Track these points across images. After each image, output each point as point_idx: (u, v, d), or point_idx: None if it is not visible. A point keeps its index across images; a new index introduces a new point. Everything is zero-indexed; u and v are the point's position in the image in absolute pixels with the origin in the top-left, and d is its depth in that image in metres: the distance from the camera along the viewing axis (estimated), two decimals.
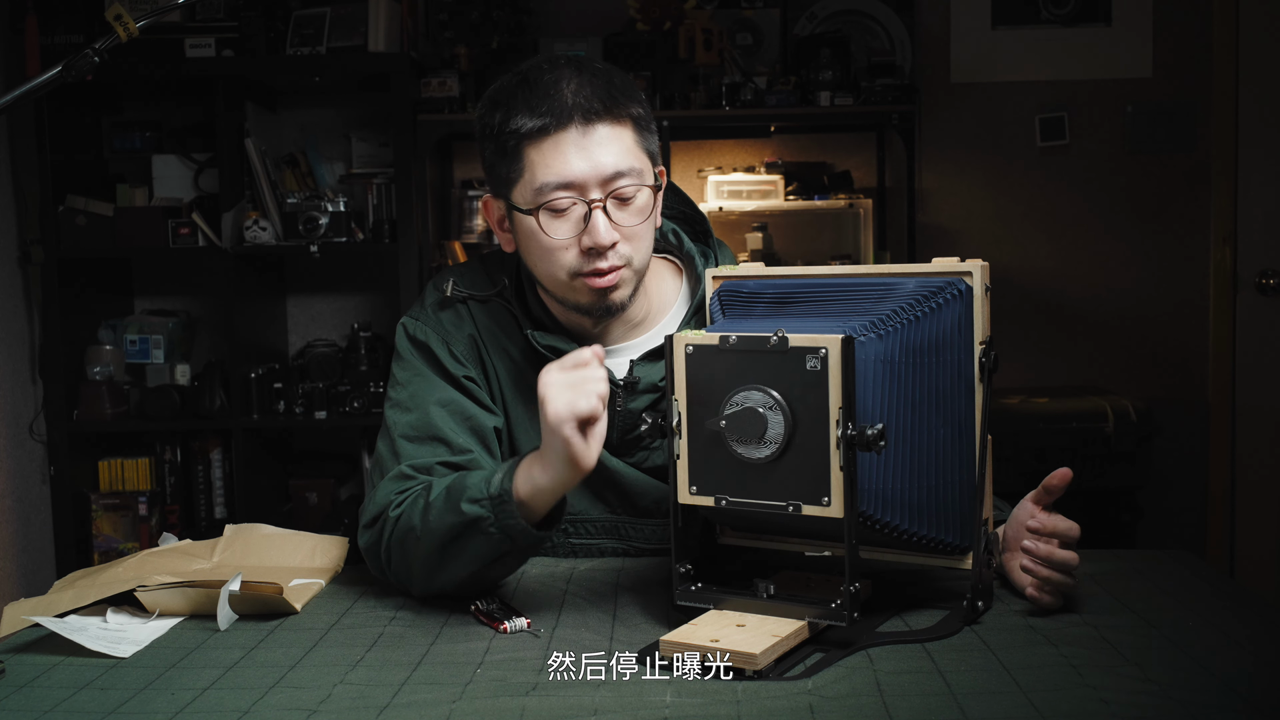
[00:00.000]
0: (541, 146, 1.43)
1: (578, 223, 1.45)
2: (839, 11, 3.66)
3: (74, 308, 3.40)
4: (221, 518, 3.48)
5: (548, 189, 1.43)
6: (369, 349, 3.43)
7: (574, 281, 1.47)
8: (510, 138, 1.44)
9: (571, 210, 1.44)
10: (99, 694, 1.19)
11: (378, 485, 1.50)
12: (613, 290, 1.48)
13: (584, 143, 1.43)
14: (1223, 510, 3.72)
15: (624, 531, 1.61)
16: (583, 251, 1.45)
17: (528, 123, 1.43)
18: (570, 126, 1.42)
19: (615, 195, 1.45)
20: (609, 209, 1.44)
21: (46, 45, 3.28)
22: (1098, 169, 3.71)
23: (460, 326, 1.58)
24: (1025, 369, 3.70)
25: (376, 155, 3.54)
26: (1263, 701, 1.08)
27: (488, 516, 1.34)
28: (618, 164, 1.44)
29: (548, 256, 1.47)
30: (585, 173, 1.43)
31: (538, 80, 1.45)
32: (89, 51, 1.39)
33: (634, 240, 1.47)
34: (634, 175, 1.45)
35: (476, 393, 1.56)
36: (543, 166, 1.43)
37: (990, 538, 1.33)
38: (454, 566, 1.39)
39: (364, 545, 1.48)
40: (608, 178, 1.43)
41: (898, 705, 1.09)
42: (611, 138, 1.44)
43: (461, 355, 1.56)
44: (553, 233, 1.45)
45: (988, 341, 1.32)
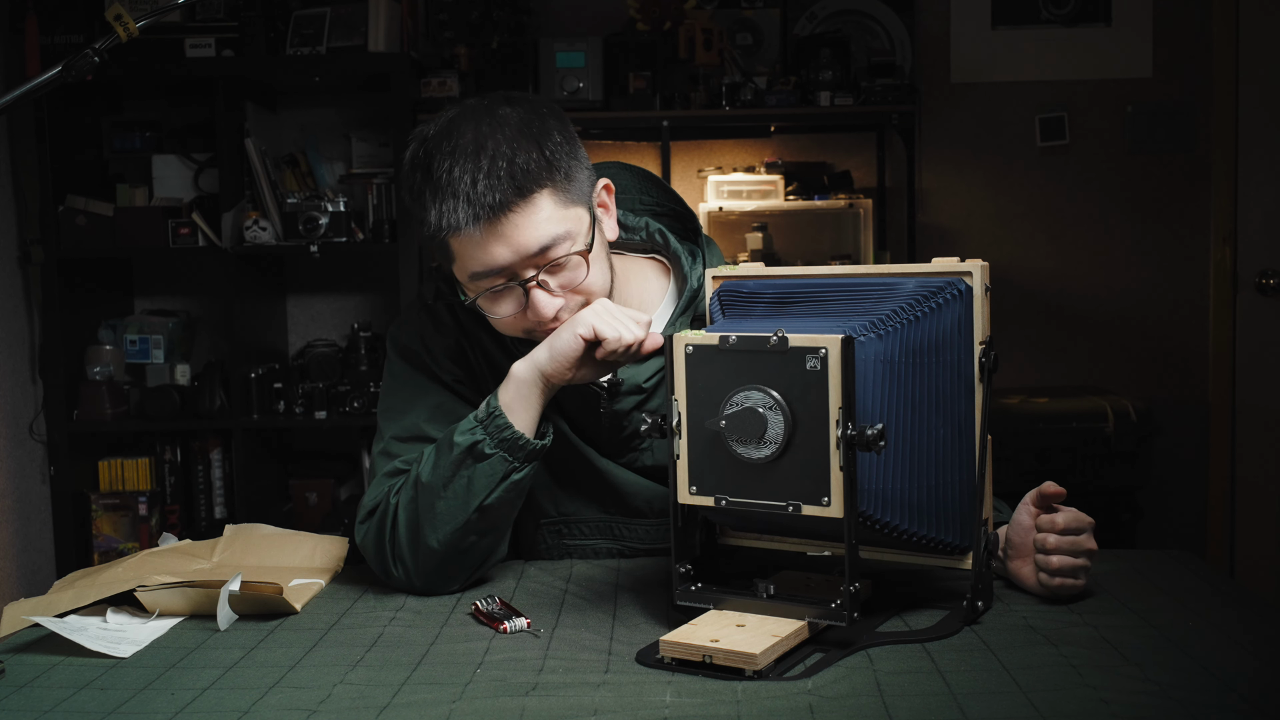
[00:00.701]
0: (460, 240, 1.41)
1: (518, 300, 1.44)
2: (839, 11, 3.66)
3: (74, 308, 3.40)
4: (221, 518, 3.49)
5: (479, 277, 1.43)
6: (369, 349, 3.43)
7: (535, 335, 1.48)
8: (433, 232, 1.42)
9: (509, 291, 1.44)
10: (99, 694, 1.19)
11: (372, 483, 1.52)
12: None
13: (500, 232, 1.39)
14: (1223, 510, 3.72)
15: (618, 531, 1.61)
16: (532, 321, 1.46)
17: (439, 223, 1.40)
18: (480, 223, 1.38)
19: (548, 267, 1.43)
20: (545, 280, 1.43)
21: (46, 45, 3.28)
22: (1098, 169, 3.71)
23: (444, 332, 1.59)
24: (1025, 369, 3.71)
25: (376, 155, 3.54)
26: (1263, 701, 1.08)
27: (482, 438, 1.40)
28: (540, 239, 1.41)
29: (501, 327, 1.49)
30: (510, 258, 1.41)
31: (440, 174, 1.40)
32: (89, 51, 1.39)
33: (584, 290, 1.46)
34: (561, 241, 1.42)
35: (466, 395, 1.57)
36: (469, 258, 1.42)
37: (990, 538, 1.33)
38: (461, 503, 1.42)
39: (361, 540, 1.50)
40: (533, 255, 1.41)
41: (898, 705, 1.09)
42: (526, 219, 1.40)
43: (447, 359, 1.58)
44: (497, 313, 1.46)
45: (988, 341, 1.32)
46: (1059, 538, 1.34)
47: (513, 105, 1.45)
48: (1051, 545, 1.35)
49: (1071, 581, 1.35)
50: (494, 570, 1.59)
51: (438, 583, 1.47)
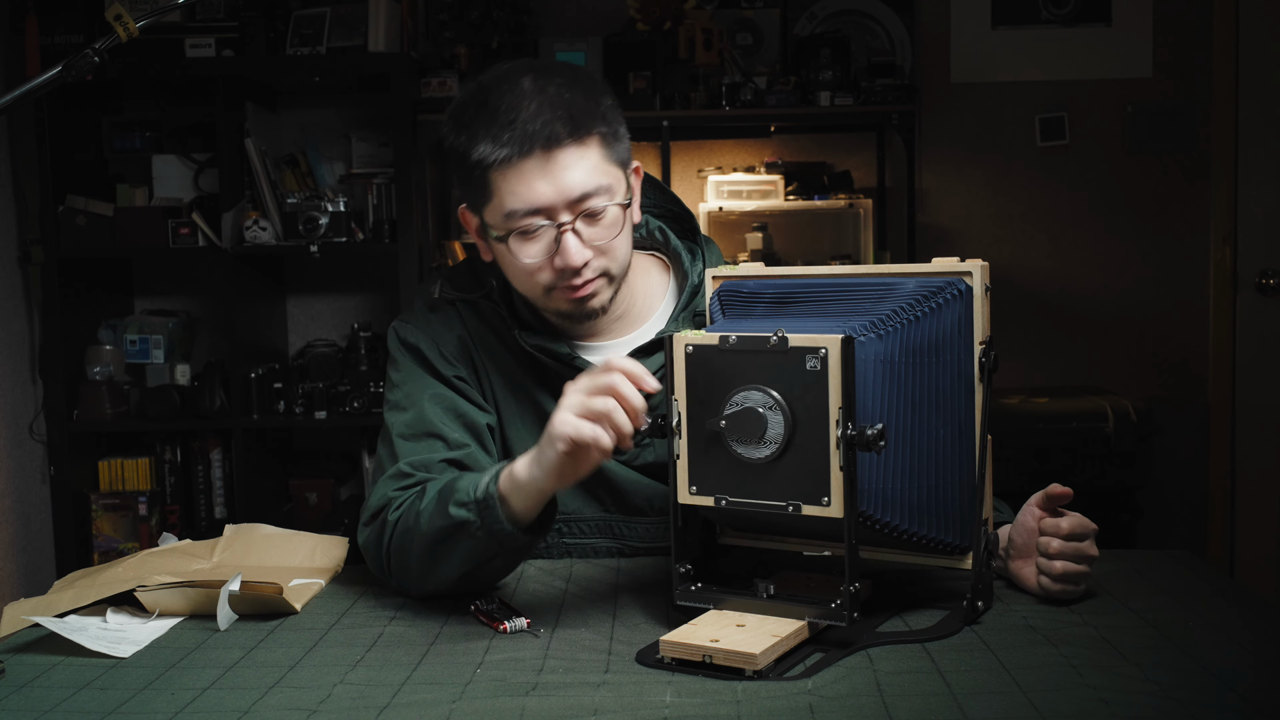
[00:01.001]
0: (506, 174, 1.43)
1: (549, 245, 1.45)
2: (839, 11, 3.66)
3: (74, 308, 3.40)
4: (221, 518, 3.48)
5: (516, 215, 1.44)
6: (369, 349, 3.43)
7: (550, 294, 1.49)
8: (475, 166, 1.45)
9: (542, 233, 1.45)
10: (99, 694, 1.20)
11: (377, 484, 1.51)
12: (590, 298, 1.49)
13: (548, 168, 1.42)
14: (1223, 510, 3.72)
15: (617, 530, 1.61)
16: (556, 270, 1.46)
17: (491, 152, 1.42)
18: (533, 154, 1.41)
19: (584, 214, 1.45)
20: (579, 228, 1.45)
21: (46, 45, 3.28)
22: (1098, 169, 3.71)
23: (449, 328, 1.59)
24: (1025, 369, 3.71)
25: (376, 155, 3.54)
26: (1263, 701, 1.08)
27: (474, 520, 1.35)
28: (584, 185, 1.43)
29: (522, 276, 1.49)
30: (552, 198, 1.43)
31: (498, 104, 1.43)
32: (89, 51, 1.39)
33: (608, 253, 1.48)
34: (602, 193, 1.45)
35: (468, 391, 1.56)
36: (509, 194, 1.43)
37: (990, 538, 1.33)
38: (445, 568, 1.40)
39: (363, 543, 1.49)
40: (575, 200, 1.43)
41: (898, 705, 1.09)
42: (576, 159, 1.43)
43: (451, 356, 1.57)
44: (525, 256, 1.46)
45: (988, 341, 1.32)
46: (1062, 543, 1.34)
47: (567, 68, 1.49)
48: (1055, 550, 1.35)
49: (1072, 588, 1.35)
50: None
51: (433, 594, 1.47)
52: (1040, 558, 1.36)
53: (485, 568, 1.40)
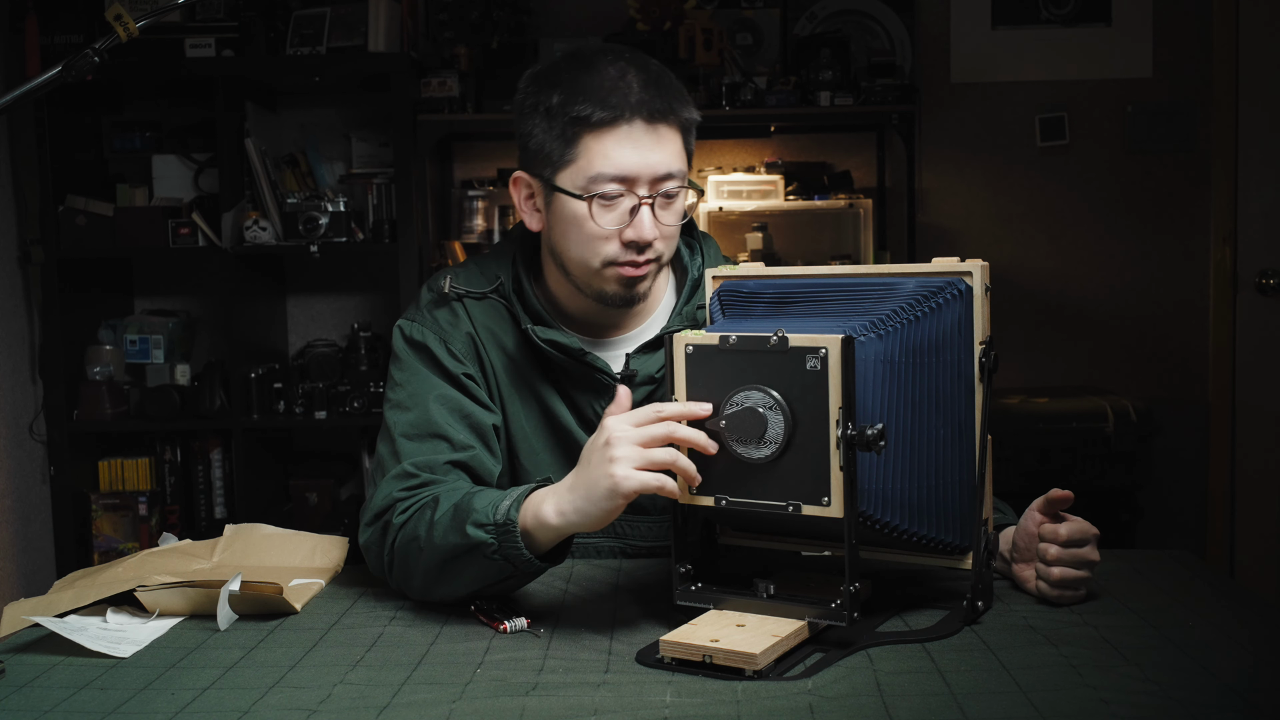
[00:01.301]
0: (602, 137, 1.45)
1: (623, 216, 1.47)
2: (839, 11, 3.66)
3: (74, 308, 3.40)
4: (221, 518, 3.48)
5: (601, 179, 1.45)
6: (369, 349, 3.43)
7: (605, 270, 1.50)
8: (570, 123, 1.46)
9: (619, 202, 1.47)
10: (99, 694, 1.19)
11: (379, 484, 1.49)
12: (640, 282, 1.51)
13: (644, 140, 1.45)
14: (1223, 510, 3.72)
15: (620, 529, 1.61)
16: (623, 243, 1.48)
17: (593, 112, 1.44)
18: (635, 122, 1.45)
19: (662, 195, 1.48)
20: (655, 207, 1.47)
21: (46, 45, 3.28)
22: (1098, 169, 3.71)
23: (457, 325, 1.58)
24: (1025, 369, 3.71)
25: (376, 155, 3.54)
26: (1263, 701, 1.08)
27: (491, 543, 1.33)
28: (669, 165, 1.47)
29: (587, 243, 1.49)
30: (640, 169, 1.45)
31: (602, 70, 1.46)
32: (89, 51, 1.39)
33: (668, 240, 1.51)
34: (680, 178, 1.49)
35: (474, 390, 1.55)
36: (600, 156, 1.45)
37: (990, 538, 1.33)
38: (455, 584, 1.39)
39: (364, 543, 1.48)
40: (659, 177, 1.47)
41: (898, 705, 1.09)
42: (667, 139, 1.47)
43: (459, 353, 1.56)
44: (600, 222, 1.47)
45: (988, 341, 1.32)
46: (1060, 550, 1.35)
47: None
48: (1053, 556, 1.35)
49: (1071, 593, 1.36)
50: None
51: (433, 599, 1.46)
52: (1039, 563, 1.37)
53: (499, 587, 1.40)
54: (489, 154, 3.75)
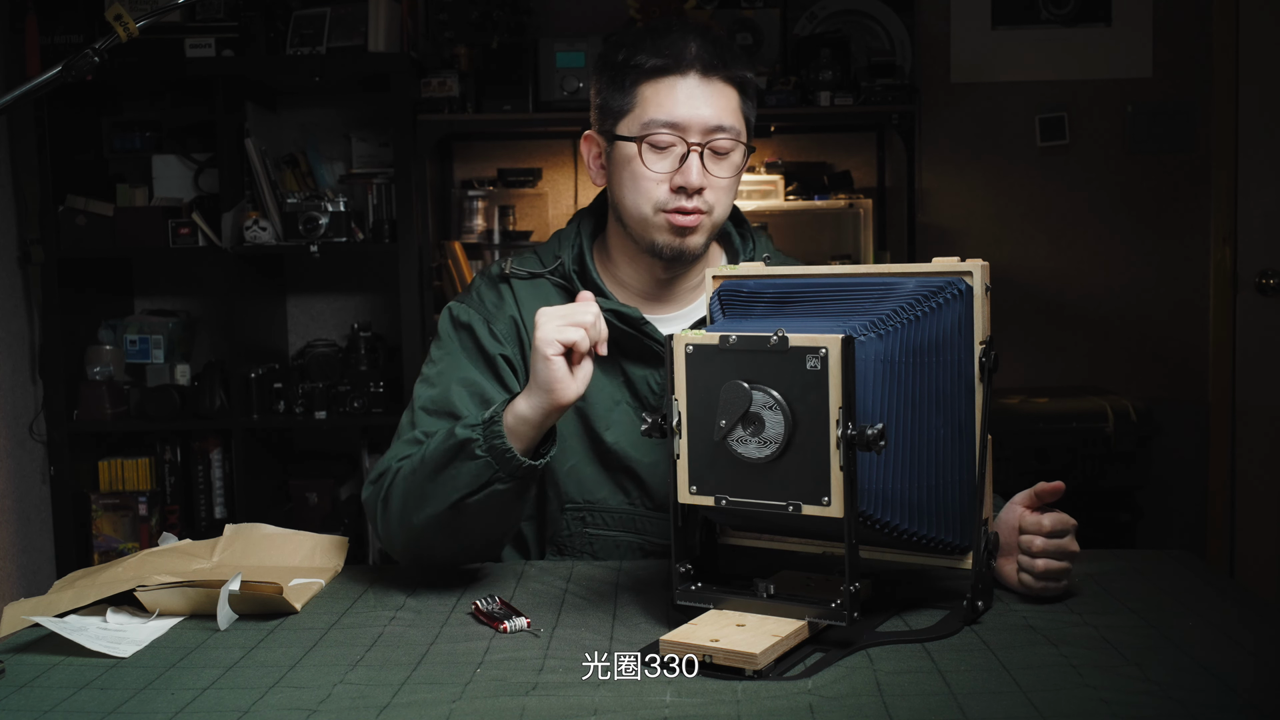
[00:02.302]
0: (658, 85, 1.55)
1: (674, 162, 1.55)
2: (839, 11, 3.66)
3: (74, 308, 3.40)
4: (221, 518, 3.48)
5: (654, 124, 1.55)
6: (369, 349, 3.43)
7: (656, 216, 1.57)
8: (630, 73, 1.57)
9: (671, 149, 1.55)
10: (99, 694, 1.19)
11: (391, 448, 1.57)
12: (690, 233, 1.57)
13: (697, 91, 1.54)
14: (1223, 510, 3.72)
15: (640, 525, 1.63)
16: (672, 189, 1.55)
17: (649, 61, 1.55)
18: (689, 73, 1.55)
19: (712, 147, 1.55)
20: (704, 157, 1.55)
21: (46, 45, 3.28)
22: (1098, 169, 3.71)
23: (502, 307, 1.65)
24: (1025, 369, 3.71)
25: (376, 155, 3.54)
26: (1263, 701, 1.08)
27: (477, 438, 1.39)
28: (721, 118, 1.55)
29: (638, 186, 1.57)
30: (691, 118, 1.54)
31: (665, 30, 1.58)
32: (89, 51, 1.39)
33: (718, 192, 1.57)
34: (733, 133, 1.56)
35: (505, 375, 1.61)
36: (654, 104, 1.55)
37: (990, 538, 1.33)
38: (444, 493, 1.42)
39: (365, 498, 1.55)
40: (711, 128, 1.54)
41: (898, 705, 1.09)
42: (721, 94, 1.56)
43: (501, 334, 1.63)
44: (651, 166, 1.55)
45: (988, 341, 1.32)
46: (1046, 541, 1.35)
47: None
48: (1038, 549, 1.35)
49: (1054, 584, 1.36)
50: (494, 570, 1.59)
51: (418, 556, 1.52)
52: (1022, 555, 1.37)
53: (481, 498, 1.41)
54: (489, 154, 3.75)
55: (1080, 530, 1.38)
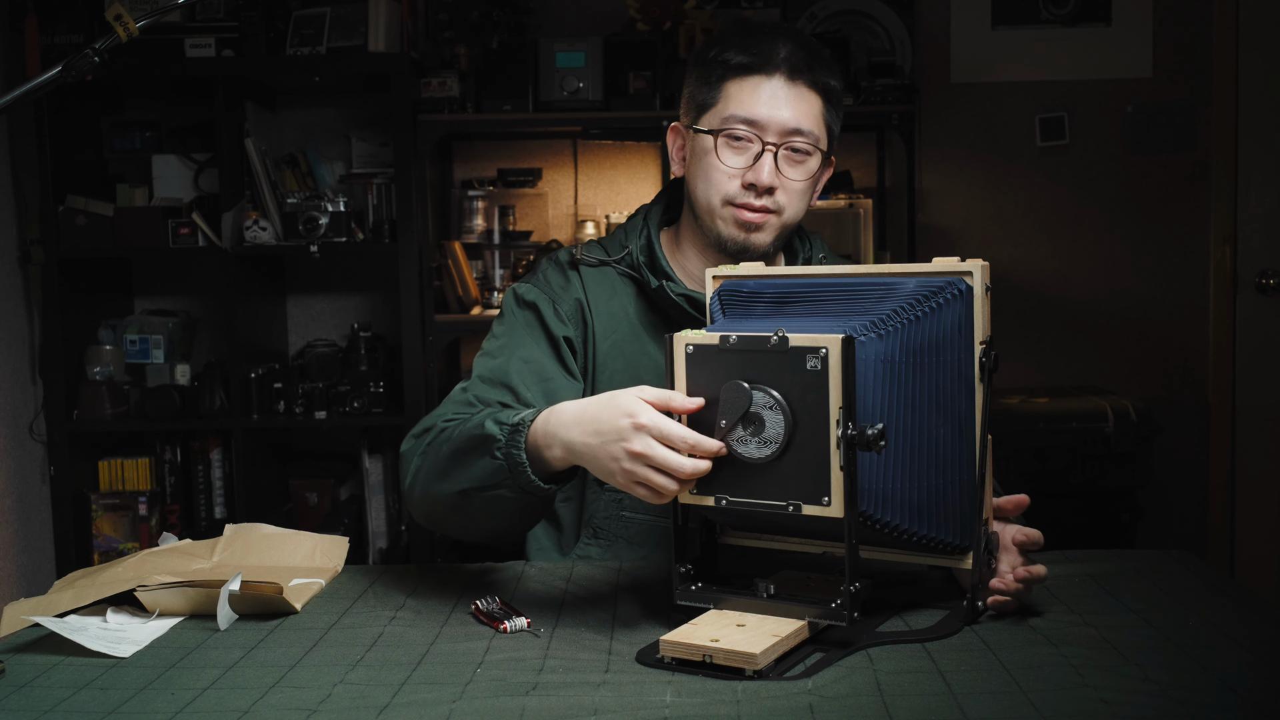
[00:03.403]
0: (743, 83, 1.58)
1: (749, 159, 1.58)
2: (839, 11, 3.65)
3: (74, 308, 3.40)
4: (221, 518, 3.48)
5: (734, 120, 1.57)
6: (369, 349, 3.43)
7: (724, 209, 1.59)
8: (717, 68, 1.59)
9: (748, 147, 1.58)
10: (99, 694, 1.20)
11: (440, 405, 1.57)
12: (756, 230, 1.59)
13: (780, 93, 1.57)
14: (1223, 510, 3.72)
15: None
16: (744, 185, 1.58)
17: (737, 58, 1.58)
18: (775, 75, 1.57)
19: (789, 148, 1.58)
20: (779, 158, 1.57)
21: (46, 45, 3.27)
22: (1098, 169, 3.71)
23: (568, 289, 1.68)
24: (1025, 369, 3.70)
25: (376, 155, 3.54)
26: (1263, 701, 1.08)
27: (499, 439, 1.36)
28: (800, 122, 1.57)
29: (711, 178, 1.60)
30: (771, 117, 1.57)
31: (759, 30, 1.60)
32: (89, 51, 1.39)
33: (790, 195, 1.60)
34: (811, 138, 1.59)
35: (566, 358, 1.64)
36: (737, 100, 1.58)
37: (990, 538, 1.33)
38: (457, 475, 1.41)
39: (404, 450, 1.53)
40: (789, 130, 1.57)
41: (898, 705, 1.09)
42: (804, 98, 1.58)
43: (565, 315, 1.66)
44: (725, 160, 1.58)
45: (988, 341, 1.32)
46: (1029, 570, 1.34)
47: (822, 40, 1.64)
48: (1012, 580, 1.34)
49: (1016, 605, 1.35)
50: (494, 570, 1.59)
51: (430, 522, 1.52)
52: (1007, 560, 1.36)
53: (488, 497, 1.39)
54: (489, 154, 3.75)
55: (1080, 530, 1.39)
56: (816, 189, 1.67)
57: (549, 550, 1.71)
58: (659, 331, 1.66)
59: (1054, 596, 1.40)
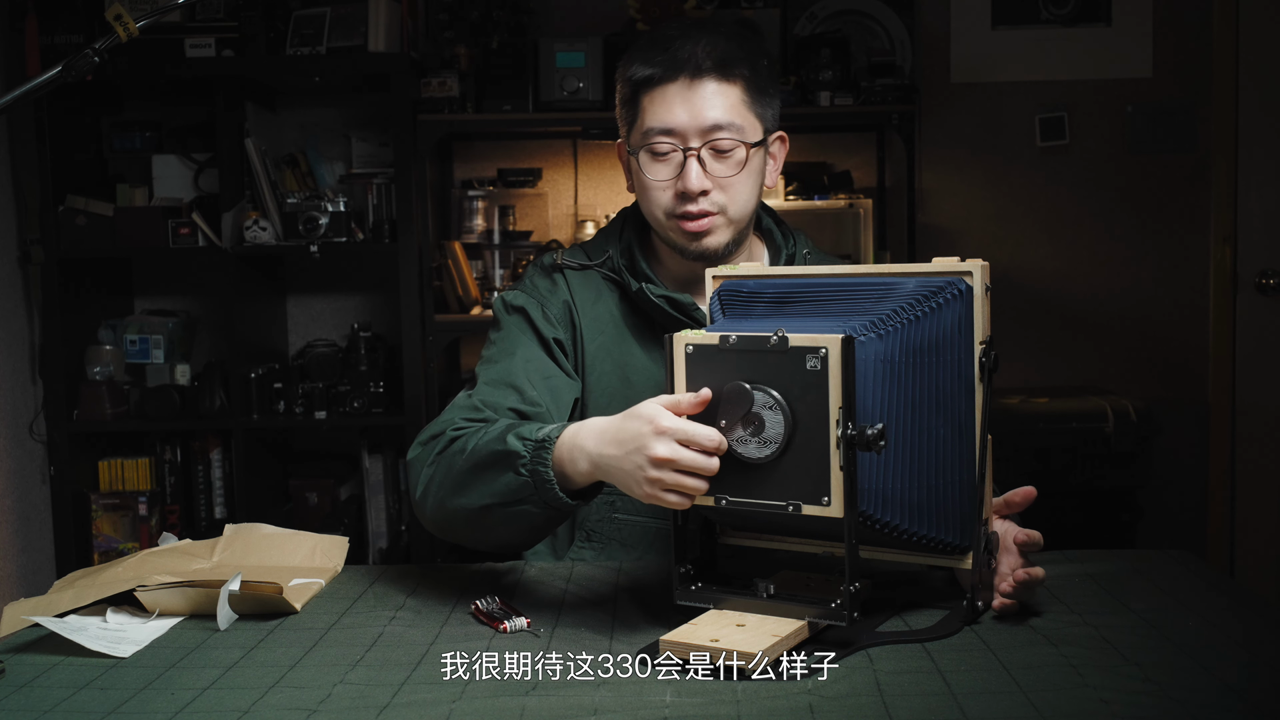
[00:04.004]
0: (654, 95, 1.57)
1: (675, 168, 1.57)
2: (839, 11, 3.65)
3: (74, 308, 3.40)
4: (221, 518, 3.48)
5: (652, 133, 1.57)
6: (369, 349, 3.43)
7: (668, 221, 1.60)
8: (630, 85, 1.60)
9: (671, 156, 1.57)
10: (99, 694, 1.20)
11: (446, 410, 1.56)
12: (704, 235, 1.59)
13: (688, 95, 1.55)
14: (1223, 510, 3.72)
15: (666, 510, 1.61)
16: (676, 194, 1.58)
17: (641, 71, 1.58)
18: (678, 79, 1.56)
19: (712, 146, 1.56)
20: (705, 158, 1.56)
21: (46, 45, 3.27)
22: (1098, 169, 3.71)
23: (555, 292, 1.68)
24: (1025, 369, 3.70)
25: (376, 155, 3.54)
26: (1263, 701, 1.08)
27: (524, 455, 1.35)
28: (718, 118, 1.55)
29: (647, 194, 1.61)
30: (685, 122, 1.55)
31: (665, 37, 1.58)
32: (89, 51, 1.39)
33: (728, 190, 1.58)
34: (733, 130, 1.56)
35: (561, 359, 1.64)
36: (651, 113, 1.58)
37: (990, 538, 1.33)
38: (477, 491, 1.40)
39: (411, 458, 1.51)
40: (706, 129, 1.55)
41: (898, 705, 1.09)
42: (718, 93, 1.56)
43: (554, 317, 1.66)
44: (652, 174, 1.59)
45: (988, 341, 1.32)
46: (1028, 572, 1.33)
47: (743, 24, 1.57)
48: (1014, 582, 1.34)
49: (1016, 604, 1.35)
50: (494, 570, 1.59)
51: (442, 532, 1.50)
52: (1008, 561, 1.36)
53: (511, 512, 1.38)
54: (489, 154, 3.75)
55: (1080, 530, 1.39)
56: (773, 170, 1.66)
57: (543, 553, 1.71)
58: (644, 333, 1.67)
59: (1054, 596, 1.40)
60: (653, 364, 1.66)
